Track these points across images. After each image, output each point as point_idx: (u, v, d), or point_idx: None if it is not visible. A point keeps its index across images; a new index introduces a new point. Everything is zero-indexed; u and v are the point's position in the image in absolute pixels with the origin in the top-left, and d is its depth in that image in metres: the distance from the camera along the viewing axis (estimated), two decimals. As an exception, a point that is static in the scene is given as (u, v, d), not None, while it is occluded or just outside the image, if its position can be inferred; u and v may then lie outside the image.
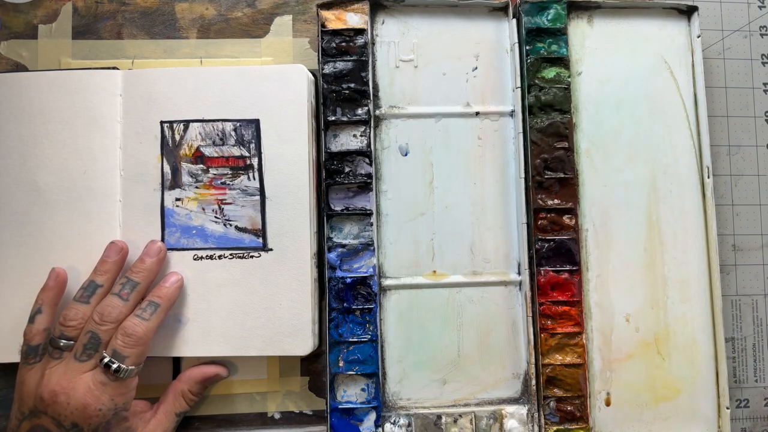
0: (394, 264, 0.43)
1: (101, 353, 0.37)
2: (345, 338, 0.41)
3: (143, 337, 0.37)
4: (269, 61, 0.45)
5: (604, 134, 0.45)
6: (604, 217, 0.44)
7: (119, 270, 0.40)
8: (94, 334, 0.37)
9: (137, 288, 0.39)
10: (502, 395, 0.43)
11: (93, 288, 0.38)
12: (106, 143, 0.42)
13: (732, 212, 0.47)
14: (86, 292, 0.38)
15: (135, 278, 0.39)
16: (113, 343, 0.37)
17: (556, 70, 0.44)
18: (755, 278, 0.47)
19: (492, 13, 0.45)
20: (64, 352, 0.37)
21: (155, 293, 0.39)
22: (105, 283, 0.39)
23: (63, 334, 0.37)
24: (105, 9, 0.45)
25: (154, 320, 0.38)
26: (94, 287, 0.39)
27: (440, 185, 0.44)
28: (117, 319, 0.37)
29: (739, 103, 0.48)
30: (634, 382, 0.43)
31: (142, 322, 0.37)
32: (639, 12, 0.46)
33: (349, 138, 0.43)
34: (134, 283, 0.39)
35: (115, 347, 0.36)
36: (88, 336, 0.37)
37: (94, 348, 0.37)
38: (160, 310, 0.38)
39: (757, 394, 0.46)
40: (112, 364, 0.36)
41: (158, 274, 0.40)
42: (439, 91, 0.45)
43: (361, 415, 0.41)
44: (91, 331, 0.37)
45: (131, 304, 0.38)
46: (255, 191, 0.42)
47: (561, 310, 0.42)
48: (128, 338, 0.37)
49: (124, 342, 0.36)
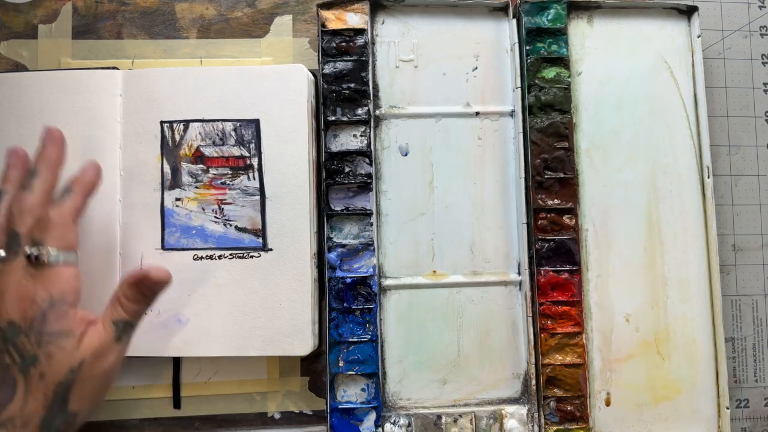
0: (394, 264, 0.43)
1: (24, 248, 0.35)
2: (345, 338, 0.41)
3: (59, 219, 0.35)
4: (269, 61, 0.45)
5: (604, 134, 0.45)
6: (604, 217, 0.44)
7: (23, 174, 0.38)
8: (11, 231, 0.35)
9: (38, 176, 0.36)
10: (502, 395, 0.43)
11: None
12: (106, 143, 0.42)
13: (732, 212, 0.47)
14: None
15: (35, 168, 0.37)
16: (32, 235, 0.35)
17: (556, 70, 0.44)
18: (755, 278, 0.47)
19: (492, 13, 0.45)
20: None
21: (69, 179, 0.37)
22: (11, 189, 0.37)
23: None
24: (105, 9, 0.45)
25: (70, 203, 0.36)
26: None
27: (440, 185, 0.44)
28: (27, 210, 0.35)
29: (739, 103, 0.48)
30: (634, 382, 0.43)
31: (55, 206, 0.36)
32: (639, 12, 0.46)
33: (349, 138, 0.43)
34: (33, 171, 0.37)
35: (32, 236, 0.35)
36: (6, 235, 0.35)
37: (16, 244, 0.35)
38: (75, 193, 0.37)
39: (757, 394, 0.46)
40: (33, 252, 0.34)
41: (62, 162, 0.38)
42: (439, 91, 0.45)
43: (361, 415, 0.41)
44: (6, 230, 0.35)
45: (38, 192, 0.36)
46: (255, 191, 0.42)
47: (561, 310, 0.43)
48: (44, 222, 0.35)
49: (39, 228, 0.35)
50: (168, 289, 0.37)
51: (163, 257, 0.41)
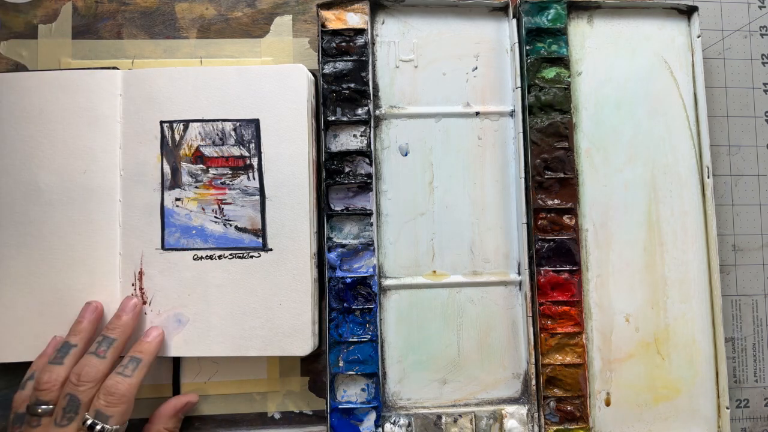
0: (394, 264, 0.43)
1: (83, 415, 0.35)
2: (345, 338, 0.41)
3: (126, 394, 0.36)
4: (269, 61, 0.45)
5: (604, 134, 0.45)
6: (604, 217, 0.44)
7: (94, 330, 0.39)
8: (72, 397, 0.35)
9: (114, 345, 0.38)
10: (502, 395, 0.43)
11: (67, 349, 0.37)
12: (106, 143, 0.42)
13: (732, 212, 0.47)
14: (60, 353, 0.37)
15: (111, 335, 0.38)
16: (96, 404, 0.35)
17: (556, 70, 0.44)
18: (755, 278, 0.47)
19: (492, 13, 0.45)
20: (43, 418, 0.35)
21: (136, 348, 0.38)
22: (79, 343, 0.38)
23: (38, 399, 0.36)
24: (105, 9, 0.45)
25: (137, 376, 0.37)
26: (68, 348, 0.37)
27: (440, 185, 0.44)
28: (95, 378, 0.36)
29: (739, 103, 0.48)
30: (634, 382, 0.43)
31: (125, 379, 0.36)
32: (639, 12, 0.46)
33: (349, 138, 0.43)
34: (111, 340, 0.38)
35: (98, 407, 0.35)
36: (67, 399, 0.35)
37: (74, 410, 0.35)
38: (142, 365, 0.38)
39: (757, 394, 0.46)
40: (96, 425, 0.35)
41: (135, 329, 0.40)
42: (439, 91, 0.45)
43: (361, 415, 0.41)
44: (70, 394, 0.35)
45: (109, 361, 0.37)
46: (255, 191, 0.42)
47: (561, 310, 0.43)
48: (111, 397, 0.35)
49: (107, 401, 0.35)
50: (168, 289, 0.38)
51: (162, 257, 0.41)
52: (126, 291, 0.41)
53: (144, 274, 0.41)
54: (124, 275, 0.41)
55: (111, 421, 0.35)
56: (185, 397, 0.41)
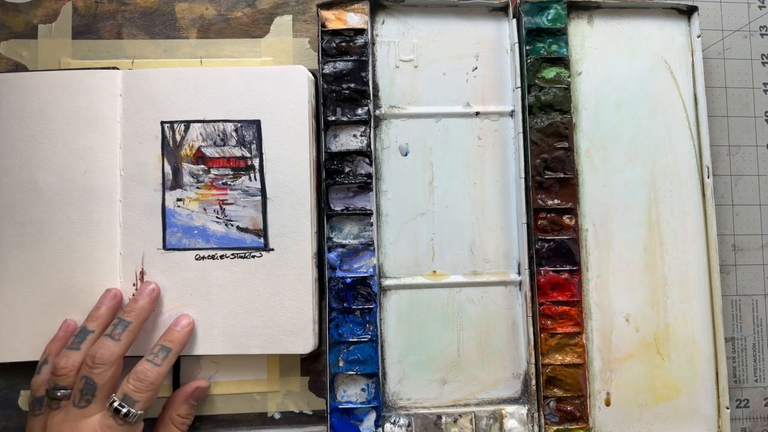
0: (394, 264, 0.43)
1: (105, 397, 0.36)
2: (345, 338, 0.41)
3: (155, 381, 0.37)
4: (269, 61, 0.45)
5: (604, 134, 0.45)
6: (604, 217, 0.44)
7: (112, 317, 0.39)
8: (88, 379, 0.36)
9: (129, 328, 0.38)
10: (502, 395, 0.43)
11: (84, 334, 0.38)
12: (106, 143, 0.42)
13: (732, 212, 0.47)
14: (77, 338, 0.38)
15: (127, 318, 0.38)
16: (124, 387, 0.36)
17: (556, 70, 0.44)
18: (755, 278, 0.47)
19: (492, 13, 0.45)
20: (62, 401, 0.36)
21: (166, 337, 0.39)
22: (96, 329, 0.38)
23: (56, 383, 0.36)
24: (105, 9, 0.45)
25: (166, 365, 0.38)
26: (85, 333, 0.38)
27: (440, 185, 0.44)
28: (110, 361, 0.36)
29: (739, 103, 0.48)
30: (634, 382, 0.43)
31: (154, 367, 0.37)
32: (639, 12, 0.46)
33: (349, 138, 0.43)
34: (126, 323, 0.38)
35: (126, 391, 0.36)
36: (83, 381, 0.36)
37: (90, 392, 0.36)
38: (172, 354, 0.38)
39: (757, 394, 0.46)
40: (122, 408, 0.36)
41: (150, 312, 0.40)
42: (439, 91, 0.45)
43: (361, 415, 0.41)
44: (86, 376, 0.36)
45: (124, 344, 0.37)
46: (256, 191, 0.42)
47: (561, 310, 0.43)
48: (140, 383, 0.36)
49: (135, 386, 0.36)
50: (168, 289, 0.38)
51: (164, 257, 0.41)
52: (126, 291, 0.41)
53: (145, 274, 0.41)
54: (124, 275, 0.41)
55: (137, 406, 0.36)
56: (195, 383, 0.41)
